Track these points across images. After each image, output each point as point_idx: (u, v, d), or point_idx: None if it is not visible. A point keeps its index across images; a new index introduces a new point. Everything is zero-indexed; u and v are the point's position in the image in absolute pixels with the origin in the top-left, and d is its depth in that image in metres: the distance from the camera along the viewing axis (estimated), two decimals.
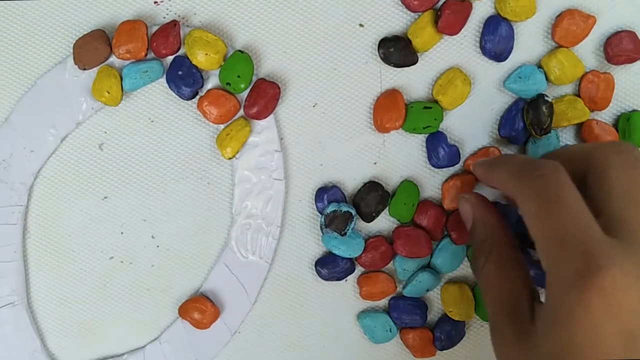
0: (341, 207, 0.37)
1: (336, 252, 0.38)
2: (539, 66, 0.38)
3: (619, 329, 0.26)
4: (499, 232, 0.34)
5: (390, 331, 0.39)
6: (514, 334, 0.30)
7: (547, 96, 0.37)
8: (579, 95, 0.38)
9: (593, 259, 0.26)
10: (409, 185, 0.38)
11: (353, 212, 0.37)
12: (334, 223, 0.37)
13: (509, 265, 0.32)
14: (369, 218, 0.38)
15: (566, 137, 0.39)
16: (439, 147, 0.37)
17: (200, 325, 0.38)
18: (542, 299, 0.30)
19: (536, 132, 0.36)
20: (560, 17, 0.37)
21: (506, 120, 0.38)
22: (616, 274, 0.26)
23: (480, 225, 0.34)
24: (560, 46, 0.37)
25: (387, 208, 0.38)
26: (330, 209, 0.37)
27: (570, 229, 0.28)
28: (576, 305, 0.26)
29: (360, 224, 0.39)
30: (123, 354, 0.39)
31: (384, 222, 0.39)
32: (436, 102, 0.38)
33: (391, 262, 0.39)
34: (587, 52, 0.38)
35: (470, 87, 0.37)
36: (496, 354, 0.31)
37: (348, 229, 0.37)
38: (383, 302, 0.39)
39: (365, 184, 0.38)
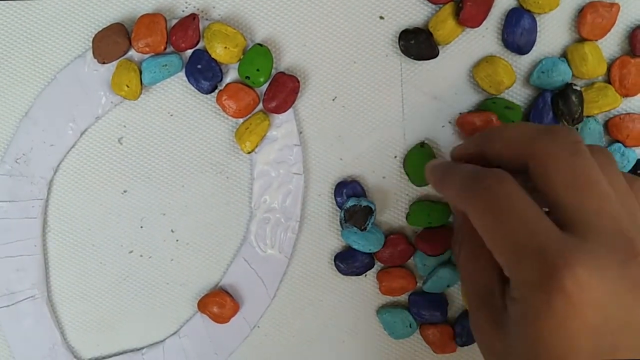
0: (361, 201, 0.37)
1: (355, 246, 0.38)
2: (561, 56, 0.37)
3: (584, 326, 0.26)
4: None
5: (410, 327, 0.39)
6: (489, 322, 0.30)
7: (575, 85, 0.36)
8: (609, 82, 0.37)
9: (551, 262, 0.26)
10: (426, 204, 0.38)
11: (373, 206, 0.37)
12: (354, 218, 0.37)
13: (481, 253, 0.31)
14: None
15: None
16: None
17: (219, 319, 0.38)
18: None
19: (568, 122, 0.36)
20: (582, 12, 0.36)
21: (534, 114, 0.37)
22: (577, 273, 0.26)
23: (457, 213, 0.34)
24: (587, 39, 0.37)
25: (406, 218, 0.38)
26: (350, 203, 0.37)
27: (523, 238, 0.27)
28: (542, 306, 0.26)
29: (380, 219, 0.38)
30: (142, 348, 0.40)
31: (403, 220, 0.39)
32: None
33: (411, 258, 0.38)
34: (613, 44, 0.37)
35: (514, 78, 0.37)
36: (476, 340, 0.32)
37: (368, 224, 0.37)
38: (403, 297, 0.39)
39: None
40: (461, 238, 0.33)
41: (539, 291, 0.26)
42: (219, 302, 0.38)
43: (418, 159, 0.38)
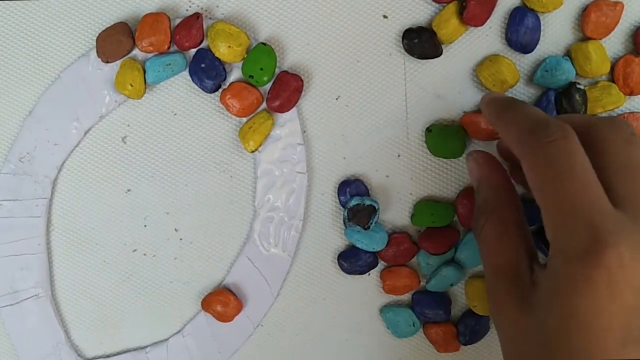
0: (364, 200, 0.37)
1: (359, 245, 0.38)
2: (565, 54, 0.37)
3: (621, 306, 0.26)
4: (504, 192, 0.33)
5: (414, 326, 0.39)
6: (515, 297, 0.29)
7: (579, 84, 0.36)
8: (612, 81, 0.37)
9: (601, 234, 0.26)
10: (430, 204, 0.38)
11: (376, 205, 0.37)
12: (357, 216, 0.37)
13: (510, 227, 0.31)
14: None
15: None
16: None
17: (223, 318, 0.38)
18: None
19: None
20: (586, 10, 0.36)
21: None
22: (623, 252, 0.25)
23: (485, 184, 0.33)
24: (591, 38, 0.37)
25: (411, 218, 0.38)
26: (353, 202, 0.37)
27: (579, 201, 0.27)
28: (581, 280, 0.26)
29: (384, 218, 0.38)
30: (146, 347, 0.40)
31: (407, 219, 0.39)
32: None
33: (415, 257, 0.38)
34: (616, 42, 0.37)
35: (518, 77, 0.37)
36: (494, 316, 0.31)
37: (371, 223, 0.37)
38: (406, 296, 0.39)
39: None
40: (488, 211, 0.32)
41: (581, 263, 0.26)
42: (222, 301, 0.38)
43: (435, 141, 0.37)
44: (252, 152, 0.37)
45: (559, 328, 0.26)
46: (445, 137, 0.37)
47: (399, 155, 0.38)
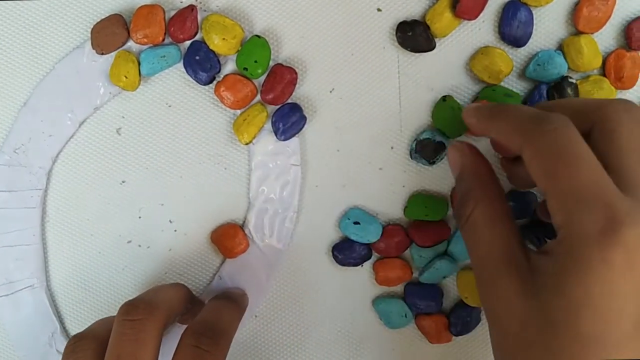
0: (435, 136, 0.37)
1: (353, 237, 0.38)
2: (557, 48, 0.37)
3: (636, 287, 0.25)
4: (489, 183, 0.32)
5: (406, 317, 0.39)
6: (515, 286, 0.28)
7: (571, 77, 0.36)
8: (604, 75, 0.37)
9: (616, 215, 0.25)
10: (423, 197, 0.38)
11: (446, 143, 0.36)
12: (425, 150, 0.37)
13: (500, 216, 0.31)
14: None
15: None
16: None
17: (229, 253, 0.39)
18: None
19: None
20: (579, 5, 0.36)
21: (530, 106, 0.37)
22: (638, 232, 0.25)
23: (468, 174, 0.33)
24: (583, 33, 0.37)
25: (404, 211, 0.39)
26: (424, 136, 0.37)
27: (588, 185, 0.27)
28: (597, 261, 0.25)
29: (377, 210, 0.39)
30: None
31: (400, 212, 0.39)
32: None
33: (408, 249, 0.39)
34: (608, 37, 0.37)
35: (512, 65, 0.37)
36: (488, 305, 0.30)
37: (437, 159, 0.37)
38: (399, 287, 0.40)
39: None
40: (476, 198, 0.31)
41: (597, 244, 0.25)
42: (231, 234, 0.38)
43: (444, 112, 0.37)
44: (247, 144, 0.38)
45: (567, 313, 0.26)
46: (454, 111, 0.37)
47: (392, 148, 0.39)
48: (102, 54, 0.37)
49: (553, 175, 0.28)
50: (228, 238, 0.38)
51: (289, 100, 0.38)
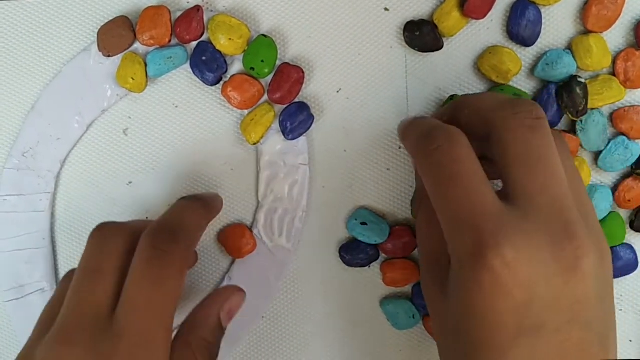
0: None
1: (360, 238, 0.38)
2: (566, 48, 0.37)
3: (510, 304, 0.26)
4: None
5: (414, 318, 0.39)
6: (435, 283, 0.30)
7: (580, 77, 0.36)
8: (613, 74, 0.37)
9: (482, 237, 0.26)
10: None
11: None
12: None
13: (435, 217, 0.31)
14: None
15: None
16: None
17: (236, 253, 0.39)
18: None
19: (572, 115, 0.36)
20: (588, 4, 0.36)
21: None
22: (505, 252, 0.26)
23: (418, 174, 0.34)
24: (592, 32, 0.37)
25: (411, 212, 0.39)
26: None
27: (462, 208, 0.27)
28: (470, 282, 0.27)
29: (385, 211, 0.39)
30: None
31: (408, 212, 0.39)
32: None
33: (415, 249, 0.39)
34: (618, 36, 0.37)
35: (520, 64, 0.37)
36: (425, 297, 0.32)
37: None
38: (406, 288, 0.40)
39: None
40: (419, 202, 0.33)
41: (469, 267, 0.27)
42: (238, 234, 0.38)
43: None
44: (254, 144, 0.38)
45: (462, 319, 0.28)
46: None
47: (400, 148, 0.38)
48: (109, 56, 0.37)
49: (434, 196, 0.29)
50: (236, 238, 0.38)
51: (296, 100, 0.37)
